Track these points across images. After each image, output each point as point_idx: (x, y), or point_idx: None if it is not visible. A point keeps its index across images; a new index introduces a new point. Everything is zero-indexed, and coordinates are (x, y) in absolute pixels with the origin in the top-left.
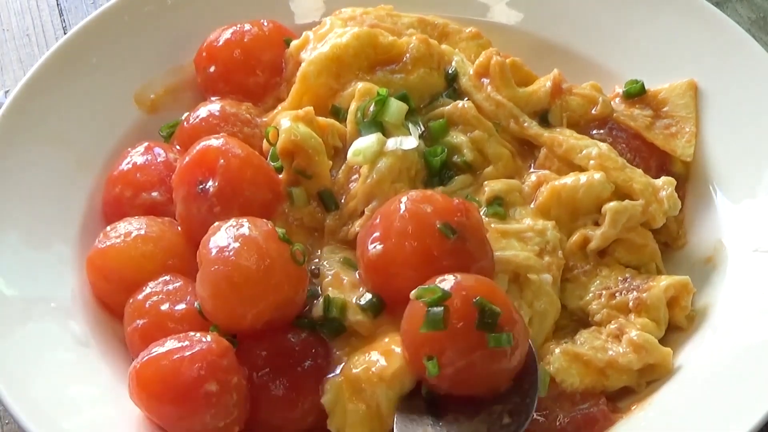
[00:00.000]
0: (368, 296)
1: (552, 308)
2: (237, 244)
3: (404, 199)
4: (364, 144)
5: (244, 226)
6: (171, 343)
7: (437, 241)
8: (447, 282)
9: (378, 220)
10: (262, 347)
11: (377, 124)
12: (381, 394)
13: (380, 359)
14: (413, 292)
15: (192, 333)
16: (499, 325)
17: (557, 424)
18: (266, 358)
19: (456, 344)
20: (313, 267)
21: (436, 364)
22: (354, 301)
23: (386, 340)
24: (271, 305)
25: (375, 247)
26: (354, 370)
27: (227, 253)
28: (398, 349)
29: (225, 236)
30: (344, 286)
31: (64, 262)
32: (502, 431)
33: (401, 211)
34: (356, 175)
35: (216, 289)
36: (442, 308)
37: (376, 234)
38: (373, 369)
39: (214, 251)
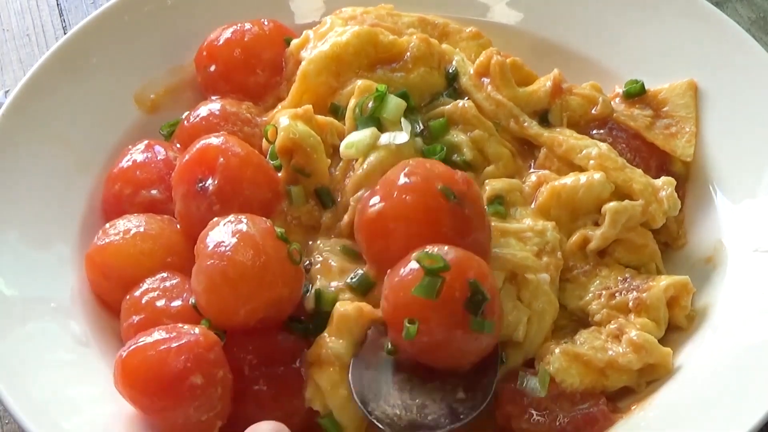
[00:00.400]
0: (359, 272)
1: (550, 308)
2: (234, 240)
3: (407, 163)
4: (357, 137)
5: (243, 222)
6: (158, 334)
7: (437, 201)
8: (448, 253)
9: (379, 186)
10: (250, 344)
11: (374, 119)
12: (335, 345)
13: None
14: (415, 253)
15: (180, 325)
16: (484, 311)
17: (557, 424)
18: (254, 355)
19: (441, 316)
20: (306, 263)
21: (415, 329)
22: (343, 284)
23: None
24: (264, 302)
25: (375, 205)
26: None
27: (223, 248)
28: (346, 305)
29: (222, 231)
30: (333, 272)
31: (64, 262)
32: (457, 404)
33: (404, 171)
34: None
35: (210, 283)
36: (441, 278)
37: (377, 196)
38: (326, 330)
39: (210, 246)
